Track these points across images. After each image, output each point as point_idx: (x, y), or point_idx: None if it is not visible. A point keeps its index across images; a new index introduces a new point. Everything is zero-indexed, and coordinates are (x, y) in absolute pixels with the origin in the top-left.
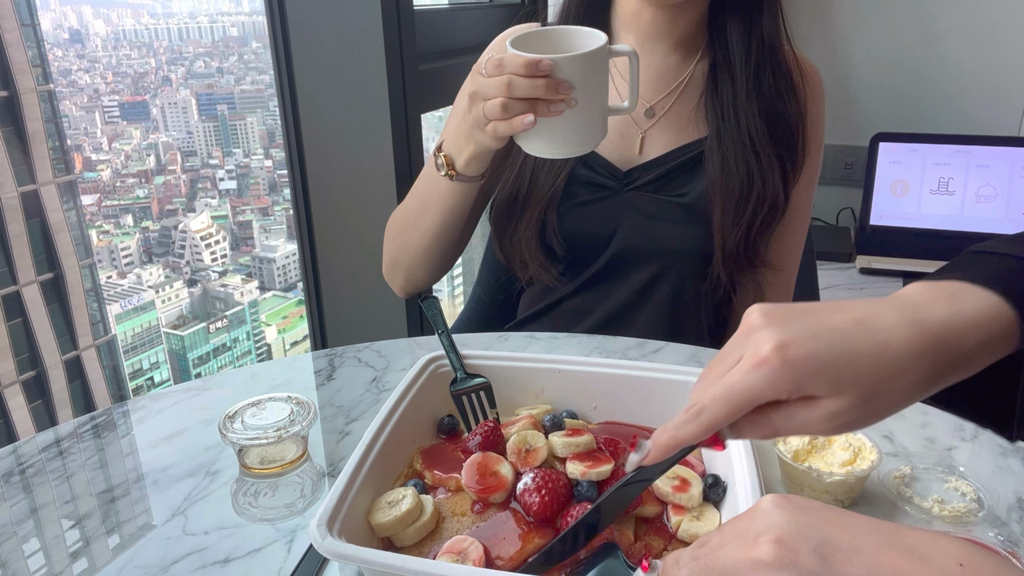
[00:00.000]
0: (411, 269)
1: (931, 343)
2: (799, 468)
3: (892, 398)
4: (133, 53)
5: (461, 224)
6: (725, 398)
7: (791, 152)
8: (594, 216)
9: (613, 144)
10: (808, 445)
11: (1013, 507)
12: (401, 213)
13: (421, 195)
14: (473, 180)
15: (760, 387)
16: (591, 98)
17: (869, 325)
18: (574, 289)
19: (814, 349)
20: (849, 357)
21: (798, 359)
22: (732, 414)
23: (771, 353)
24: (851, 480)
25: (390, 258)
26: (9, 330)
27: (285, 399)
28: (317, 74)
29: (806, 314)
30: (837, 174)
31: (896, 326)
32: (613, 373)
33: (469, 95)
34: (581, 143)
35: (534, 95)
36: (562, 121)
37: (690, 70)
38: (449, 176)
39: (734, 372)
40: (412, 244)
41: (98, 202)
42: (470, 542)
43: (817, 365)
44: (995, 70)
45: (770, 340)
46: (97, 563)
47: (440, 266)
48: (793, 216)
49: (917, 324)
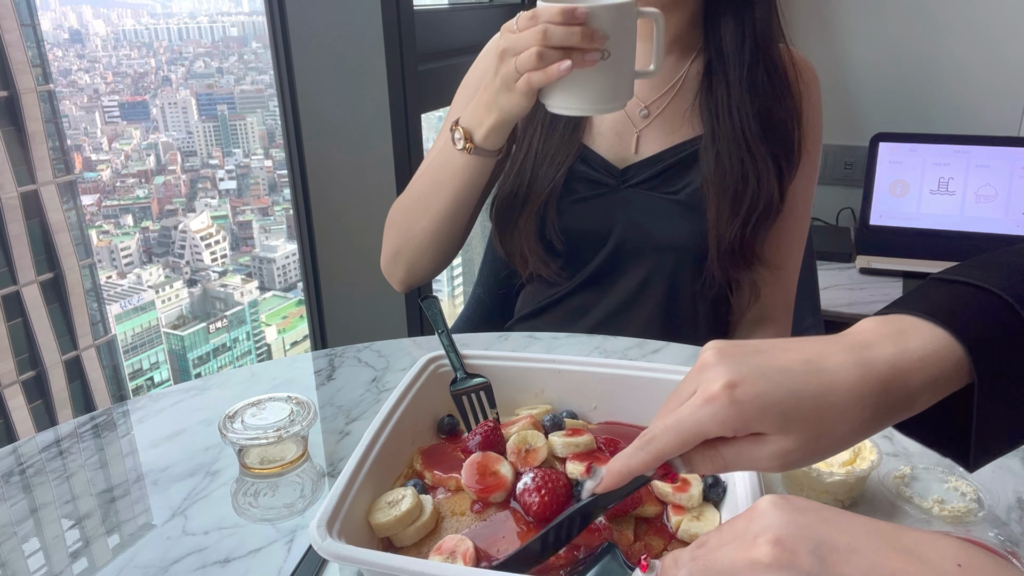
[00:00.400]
0: (415, 258)
1: (875, 384)
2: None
3: (836, 437)
4: (133, 53)
5: (472, 204)
6: (674, 430)
7: (787, 150)
8: (592, 212)
9: (609, 143)
10: None
11: (1013, 507)
12: (407, 199)
13: (432, 175)
14: (490, 155)
15: (708, 423)
16: (622, 52)
17: (816, 365)
18: (572, 287)
19: (762, 389)
20: (795, 397)
21: (745, 399)
22: (680, 446)
23: (720, 391)
24: (851, 480)
25: (392, 248)
26: (9, 330)
27: (285, 399)
28: (317, 74)
29: (757, 353)
30: (837, 174)
31: (842, 367)
32: (613, 373)
33: (499, 53)
34: (610, 99)
35: (569, 43)
36: (593, 75)
37: (685, 70)
38: (467, 150)
39: (685, 406)
40: (420, 228)
41: (98, 202)
42: (458, 539)
43: (764, 404)
44: (995, 70)
45: (720, 378)
46: (97, 563)
47: (444, 254)
48: (791, 214)
49: (863, 365)
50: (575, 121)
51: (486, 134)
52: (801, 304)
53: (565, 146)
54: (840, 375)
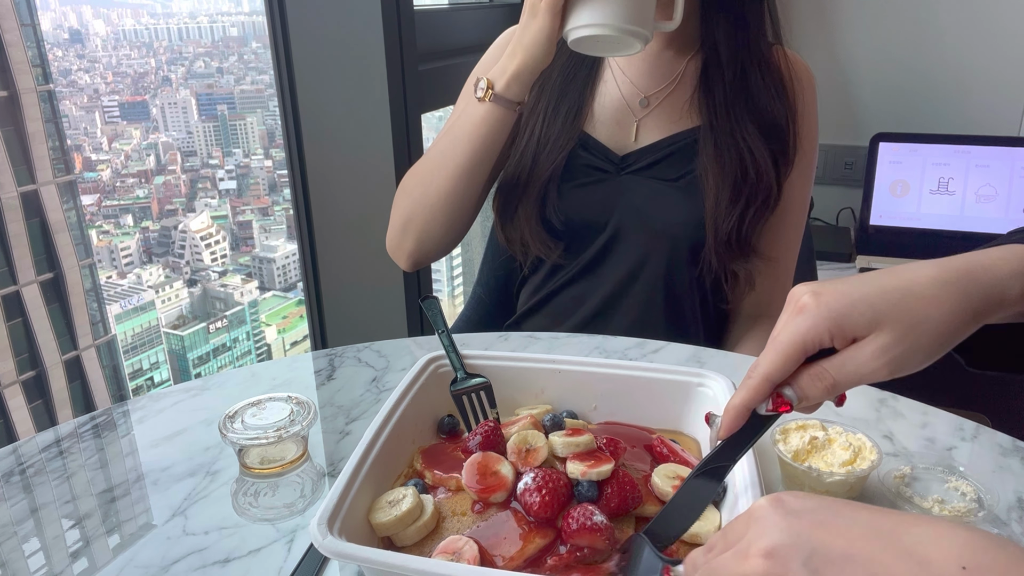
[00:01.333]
0: (427, 224)
1: (957, 272)
2: (799, 468)
3: (932, 326)
4: (133, 53)
5: (488, 163)
6: (774, 349)
7: (783, 147)
8: (591, 198)
9: (609, 130)
10: (808, 445)
11: (1013, 507)
12: (422, 164)
13: (451, 132)
14: (510, 105)
15: (803, 331)
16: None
17: (894, 271)
18: (572, 275)
19: (846, 289)
20: (880, 291)
21: (832, 298)
22: (783, 363)
23: (808, 300)
24: (851, 480)
25: (402, 218)
26: (9, 330)
27: (285, 399)
28: (317, 74)
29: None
30: (837, 174)
31: (921, 267)
32: (613, 373)
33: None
34: (630, 19)
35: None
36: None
37: (683, 66)
38: (487, 97)
39: (778, 325)
40: (435, 188)
41: (98, 202)
42: (464, 542)
43: (851, 300)
44: (995, 70)
45: (806, 292)
46: (97, 563)
47: (455, 222)
48: (787, 208)
49: (941, 264)
50: (576, 108)
51: (508, 81)
52: None
53: (566, 132)
54: (920, 270)
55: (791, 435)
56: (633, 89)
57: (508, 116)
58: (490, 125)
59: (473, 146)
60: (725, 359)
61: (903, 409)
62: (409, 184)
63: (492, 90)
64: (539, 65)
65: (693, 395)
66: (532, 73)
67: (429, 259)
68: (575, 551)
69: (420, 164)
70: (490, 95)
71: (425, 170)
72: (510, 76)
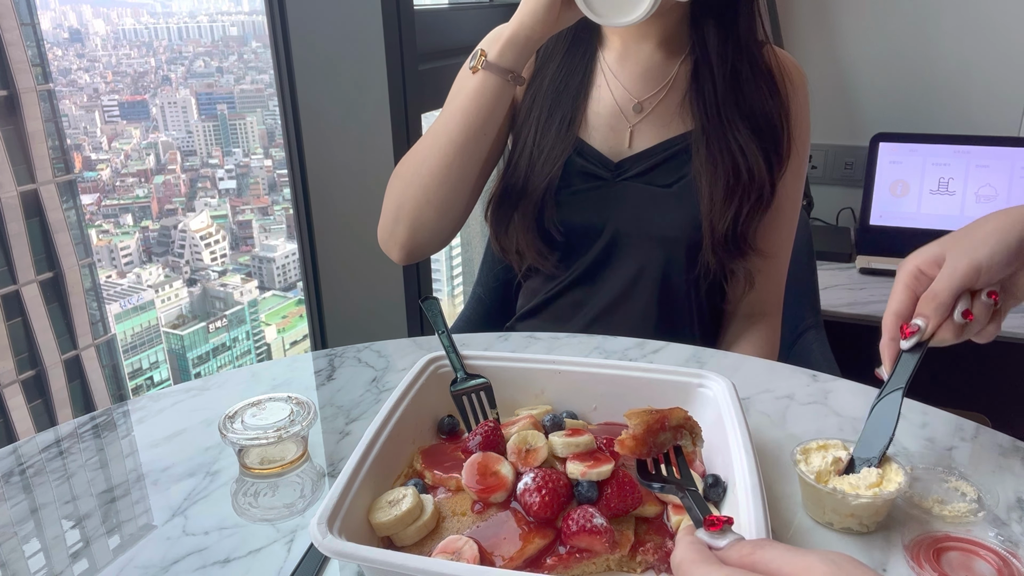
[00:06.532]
0: (420, 209)
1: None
2: (823, 490)
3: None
4: (133, 52)
5: (484, 140)
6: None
7: (776, 147)
8: (588, 205)
9: (604, 136)
10: (831, 467)
11: (1013, 507)
12: (415, 147)
13: (443, 111)
14: (503, 74)
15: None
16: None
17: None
18: (570, 281)
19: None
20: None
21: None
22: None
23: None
24: (878, 503)
25: (395, 202)
26: (8, 329)
27: (285, 399)
28: (317, 74)
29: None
30: (837, 174)
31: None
32: (613, 374)
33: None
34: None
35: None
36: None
37: (675, 69)
38: (479, 66)
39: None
40: (427, 168)
41: (97, 201)
42: (464, 541)
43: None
44: (995, 70)
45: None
46: (97, 563)
47: (449, 209)
48: (781, 205)
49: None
50: (570, 116)
51: (502, 48)
52: (801, 304)
53: (561, 140)
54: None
55: (812, 455)
56: (626, 95)
57: (502, 87)
58: (484, 97)
59: (468, 119)
60: (725, 359)
61: (903, 409)
62: (402, 169)
63: (485, 58)
64: (534, 31)
65: (693, 395)
66: (527, 40)
67: (423, 250)
68: (575, 552)
69: (413, 149)
70: (482, 62)
71: (418, 152)
72: (504, 42)
